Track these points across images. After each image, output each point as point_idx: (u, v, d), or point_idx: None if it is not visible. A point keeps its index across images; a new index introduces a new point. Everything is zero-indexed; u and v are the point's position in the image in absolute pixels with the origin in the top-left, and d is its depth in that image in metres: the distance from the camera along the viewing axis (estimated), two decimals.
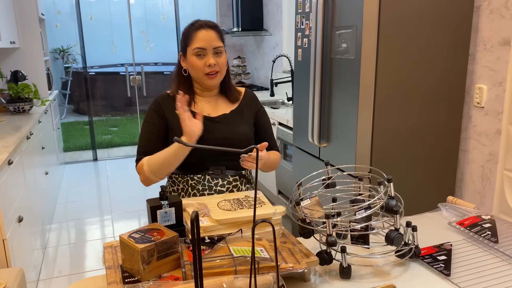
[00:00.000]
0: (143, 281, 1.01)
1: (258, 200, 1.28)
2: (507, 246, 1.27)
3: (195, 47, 1.52)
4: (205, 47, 1.51)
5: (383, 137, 2.29)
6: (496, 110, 2.25)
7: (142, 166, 1.50)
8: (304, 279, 1.14)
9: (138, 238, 1.06)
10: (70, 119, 8.54)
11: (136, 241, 1.04)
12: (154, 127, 1.57)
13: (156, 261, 1.04)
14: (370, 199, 1.23)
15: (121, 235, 1.07)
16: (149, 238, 1.05)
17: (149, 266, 1.02)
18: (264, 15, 5.09)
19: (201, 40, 1.51)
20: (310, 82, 2.53)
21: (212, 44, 1.52)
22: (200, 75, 1.54)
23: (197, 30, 1.53)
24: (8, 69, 4.29)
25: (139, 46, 8.28)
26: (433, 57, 2.27)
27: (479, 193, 2.40)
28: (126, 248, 1.05)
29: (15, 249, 2.26)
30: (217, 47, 1.53)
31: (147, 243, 1.02)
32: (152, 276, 1.04)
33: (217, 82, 1.58)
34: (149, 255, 1.02)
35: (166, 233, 1.08)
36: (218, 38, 1.54)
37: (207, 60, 1.52)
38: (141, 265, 1.01)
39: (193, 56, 1.53)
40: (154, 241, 1.03)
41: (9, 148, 2.40)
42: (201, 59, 1.52)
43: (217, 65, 1.53)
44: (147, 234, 1.08)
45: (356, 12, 2.15)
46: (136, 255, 1.02)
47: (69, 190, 4.63)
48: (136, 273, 1.04)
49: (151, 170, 1.48)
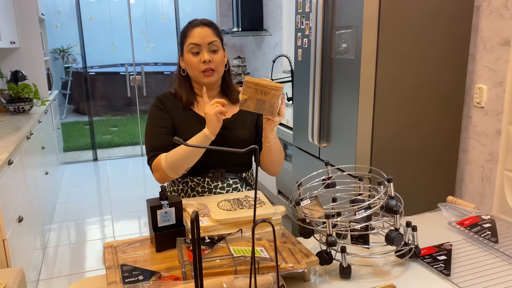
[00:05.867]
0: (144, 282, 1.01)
1: (258, 200, 1.28)
2: (507, 246, 1.27)
3: (189, 42, 1.51)
4: (200, 43, 1.50)
5: (383, 137, 2.29)
6: (496, 110, 2.25)
7: (159, 162, 1.47)
8: (304, 279, 1.14)
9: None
10: (70, 119, 8.54)
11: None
12: (162, 122, 1.55)
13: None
14: (370, 199, 1.23)
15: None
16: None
17: None
18: (264, 15, 5.09)
19: (195, 36, 1.51)
20: (310, 82, 2.53)
21: (206, 40, 1.51)
22: (196, 73, 1.53)
23: (193, 28, 1.53)
24: (8, 69, 4.29)
25: (139, 46, 8.28)
26: (433, 57, 2.27)
27: (479, 193, 2.40)
28: None
29: (15, 249, 2.26)
30: (211, 42, 1.51)
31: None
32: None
33: (214, 80, 1.55)
34: None
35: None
36: (213, 34, 1.53)
37: (201, 56, 1.51)
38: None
39: (189, 54, 1.52)
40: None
41: (9, 148, 2.40)
42: (196, 56, 1.51)
43: (213, 62, 1.51)
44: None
45: (356, 12, 2.15)
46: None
47: (69, 190, 4.63)
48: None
49: (171, 166, 1.45)
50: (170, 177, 1.49)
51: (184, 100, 1.57)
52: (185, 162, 1.46)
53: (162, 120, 1.55)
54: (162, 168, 1.47)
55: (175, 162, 1.45)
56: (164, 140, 1.52)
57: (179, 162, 1.45)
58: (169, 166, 1.45)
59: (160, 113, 1.56)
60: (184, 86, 1.59)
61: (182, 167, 1.47)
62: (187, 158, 1.45)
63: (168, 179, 1.50)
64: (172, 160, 1.45)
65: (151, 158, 1.52)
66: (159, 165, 1.48)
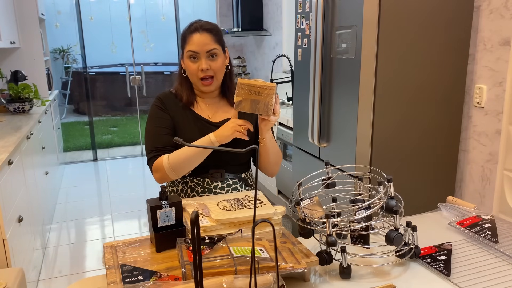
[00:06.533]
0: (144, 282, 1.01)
1: (258, 200, 1.28)
2: (507, 246, 1.27)
3: (188, 49, 1.50)
4: (198, 50, 1.49)
5: (383, 137, 2.29)
6: (496, 110, 2.25)
7: (161, 163, 1.47)
8: (304, 279, 1.14)
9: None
10: (70, 119, 8.54)
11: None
12: (162, 122, 1.54)
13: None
14: (370, 199, 1.23)
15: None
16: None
17: None
18: (264, 15, 5.09)
19: (194, 44, 1.49)
20: (310, 82, 2.53)
21: (205, 48, 1.49)
22: (195, 80, 1.53)
23: (192, 33, 1.51)
24: (8, 69, 4.29)
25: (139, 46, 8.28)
26: (433, 57, 2.27)
27: (479, 193, 2.40)
28: None
29: (15, 249, 2.26)
30: (210, 50, 1.49)
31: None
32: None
33: (213, 88, 1.55)
34: None
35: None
36: (213, 41, 1.50)
37: (200, 64, 1.50)
38: None
39: (188, 59, 1.52)
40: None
41: (9, 148, 2.40)
42: (194, 63, 1.51)
43: (211, 70, 1.50)
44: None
45: (356, 12, 2.15)
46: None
47: (69, 190, 4.63)
48: None
49: (172, 167, 1.45)
50: (170, 178, 1.49)
51: (185, 100, 1.57)
52: (187, 164, 1.46)
53: (162, 120, 1.55)
54: (163, 169, 1.46)
55: (177, 164, 1.45)
56: (164, 140, 1.52)
57: (182, 164, 1.45)
58: (171, 168, 1.45)
59: (160, 113, 1.56)
60: (185, 86, 1.59)
61: (184, 169, 1.47)
62: (189, 161, 1.45)
63: (168, 180, 1.50)
64: (174, 162, 1.45)
65: (152, 159, 1.51)
66: (160, 166, 1.47)
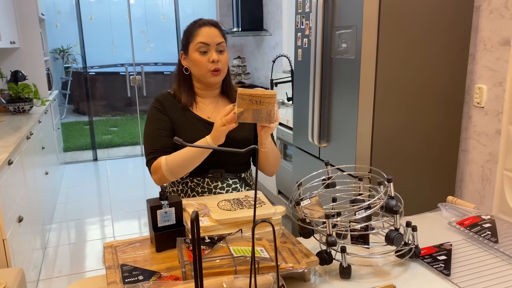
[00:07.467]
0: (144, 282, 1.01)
1: (258, 200, 1.28)
2: (507, 246, 1.27)
3: (199, 41, 1.51)
4: (209, 42, 1.51)
5: (383, 137, 2.29)
6: (496, 110, 2.25)
7: (159, 165, 1.47)
8: (304, 279, 1.14)
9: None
10: (70, 119, 8.54)
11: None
12: (161, 124, 1.55)
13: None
14: (370, 199, 1.23)
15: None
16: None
17: None
18: (264, 15, 5.09)
19: (204, 35, 1.51)
20: (310, 82, 2.53)
21: (215, 40, 1.51)
22: (204, 72, 1.53)
23: (201, 27, 1.53)
24: (8, 69, 4.28)
25: (139, 46, 8.28)
26: (433, 57, 2.27)
27: (479, 193, 2.40)
28: None
29: (15, 249, 2.26)
30: (220, 42, 1.52)
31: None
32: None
33: (220, 79, 1.57)
34: None
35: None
36: (220, 35, 1.54)
37: (210, 56, 1.51)
38: None
39: (196, 53, 1.52)
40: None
41: (9, 148, 2.40)
42: (204, 56, 1.51)
43: (220, 62, 1.52)
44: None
45: (356, 12, 2.15)
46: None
47: (69, 190, 4.63)
48: None
49: (170, 169, 1.45)
50: (168, 180, 1.49)
51: (184, 100, 1.57)
52: (185, 166, 1.46)
53: (161, 122, 1.55)
54: (161, 170, 1.47)
55: (175, 166, 1.45)
56: (163, 142, 1.52)
57: (179, 166, 1.45)
58: (168, 170, 1.46)
59: (159, 115, 1.56)
60: (184, 86, 1.59)
61: (182, 171, 1.47)
62: (187, 163, 1.45)
63: (166, 181, 1.50)
64: (172, 164, 1.45)
65: (150, 160, 1.52)
66: (158, 167, 1.48)
